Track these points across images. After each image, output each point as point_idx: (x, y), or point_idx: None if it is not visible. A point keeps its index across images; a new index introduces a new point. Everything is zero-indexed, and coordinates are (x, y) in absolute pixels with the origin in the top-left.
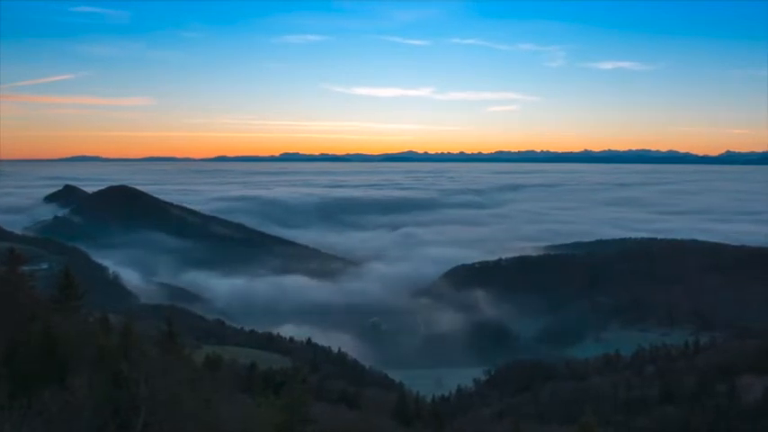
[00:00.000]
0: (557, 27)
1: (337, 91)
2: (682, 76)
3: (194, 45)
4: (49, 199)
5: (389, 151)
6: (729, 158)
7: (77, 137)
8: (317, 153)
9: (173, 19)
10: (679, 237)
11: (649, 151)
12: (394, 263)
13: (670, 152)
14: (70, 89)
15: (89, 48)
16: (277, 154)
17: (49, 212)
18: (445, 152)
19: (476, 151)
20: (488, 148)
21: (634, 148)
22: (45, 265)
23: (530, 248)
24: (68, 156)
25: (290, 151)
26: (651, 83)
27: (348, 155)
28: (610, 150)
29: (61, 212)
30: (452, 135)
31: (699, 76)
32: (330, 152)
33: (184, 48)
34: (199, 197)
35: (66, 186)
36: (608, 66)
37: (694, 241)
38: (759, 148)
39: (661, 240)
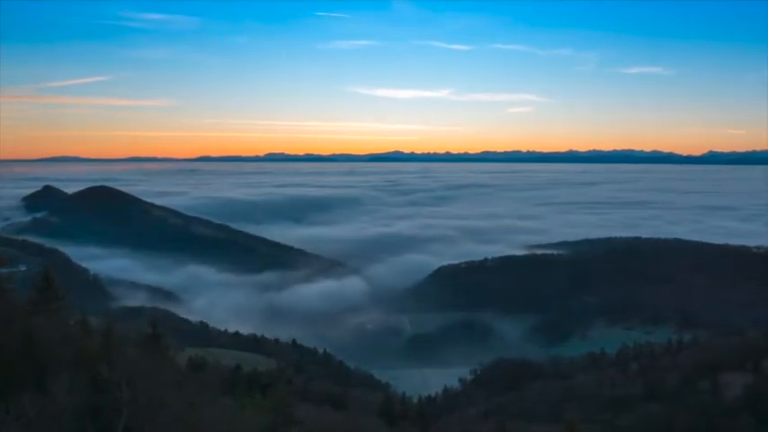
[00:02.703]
0: (594, 33)
1: (359, 93)
2: (677, 78)
3: (239, 49)
4: (28, 200)
5: (377, 151)
6: (712, 158)
7: (62, 137)
8: (302, 153)
9: (224, 24)
10: (663, 237)
11: (634, 151)
12: (380, 262)
13: (654, 152)
14: (90, 90)
15: (131, 51)
16: (262, 154)
17: (27, 213)
18: (432, 152)
19: (462, 151)
20: (475, 148)
21: (619, 148)
22: (23, 267)
23: (516, 248)
24: (48, 156)
25: (276, 151)
26: (647, 85)
27: (334, 155)
28: (594, 150)
29: (40, 213)
30: (448, 135)
31: (687, 78)
32: (316, 152)
33: (227, 51)
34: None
35: (45, 187)
36: (634, 71)
37: (678, 240)
38: (741, 148)
39: (646, 240)
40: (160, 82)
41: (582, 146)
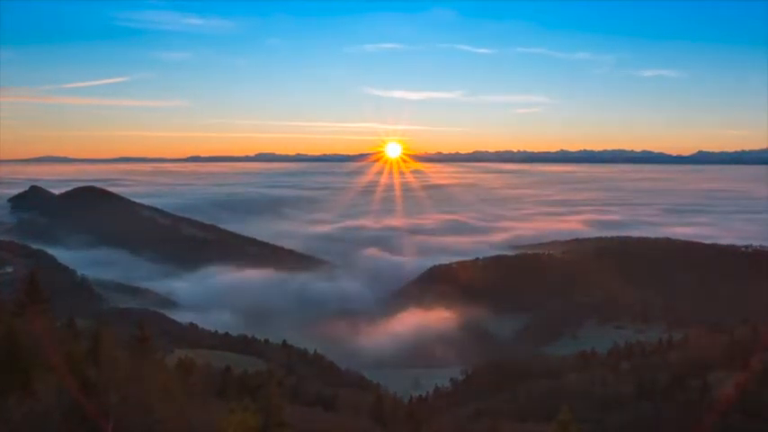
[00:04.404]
0: (612, 37)
1: (372, 94)
2: (683, 81)
3: (267, 52)
4: (14, 200)
5: (369, 151)
6: (702, 158)
7: (54, 137)
8: (292, 153)
9: (257, 27)
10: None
11: (624, 151)
12: (370, 262)
13: (644, 152)
14: (97, 91)
15: (160, 54)
16: (252, 154)
17: (13, 214)
18: (422, 153)
19: (453, 152)
20: (467, 148)
21: (609, 148)
22: (9, 269)
23: (507, 248)
24: (36, 156)
25: (266, 152)
26: (655, 87)
27: (324, 155)
28: (585, 150)
29: (26, 214)
30: (445, 136)
31: (691, 80)
32: (308, 153)
33: (255, 54)
34: None
35: (32, 187)
36: (648, 73)
37: (668, 240)
38: (730, 148)
39: (636, 239)
40: (180, 84)
41: (574, 146)
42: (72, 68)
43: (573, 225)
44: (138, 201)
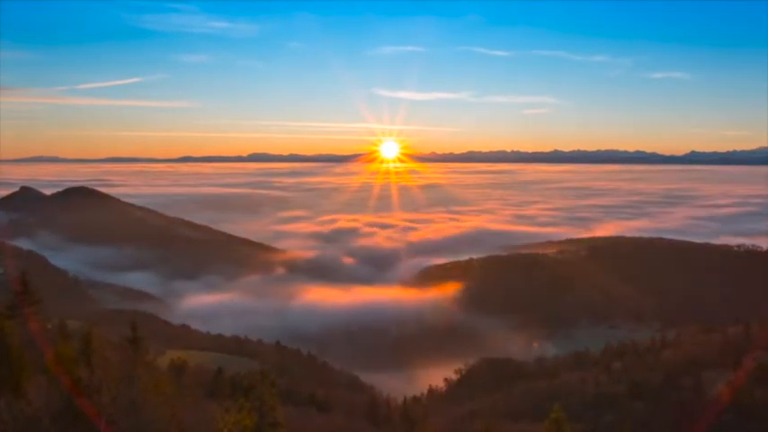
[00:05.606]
0: (630, 41)
1: (380, 95)
2: (689, 83)
3: (287, 54)
4: (4, 201)
5: (362, 152)
6: (694, 158)
7: (48, 137)
8: (285, 153)
9: (280, 30)
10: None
11: (618, 151)
12: (363, 263)
13: (637, 152)
14: (117, 93)
15: (178, 55)
16: (245, 154)
17: (3, 215)
18: (417, 153)
19: (447, 152)
20: (461, 148)
21: (603, 149)
22: (0, 270)
23: (500, 248)
24: (28, 156)
25: (259, 152)
26: (665, 89)
27: (319, 155)
28: (579, 150)
29: (17, 215)
30: (442, 136)
31: (685, 80)
32: (300, 153)
33: (274, 56)
34: None
35: (23, 188)
36: (658, 75)
37: (661, 239)
38: (722, 149)
39: (628, 239)
40: (192, 85)
41: (568, 146)
42: (88, 70)
43: (567, 225)
44: (128, 201)
